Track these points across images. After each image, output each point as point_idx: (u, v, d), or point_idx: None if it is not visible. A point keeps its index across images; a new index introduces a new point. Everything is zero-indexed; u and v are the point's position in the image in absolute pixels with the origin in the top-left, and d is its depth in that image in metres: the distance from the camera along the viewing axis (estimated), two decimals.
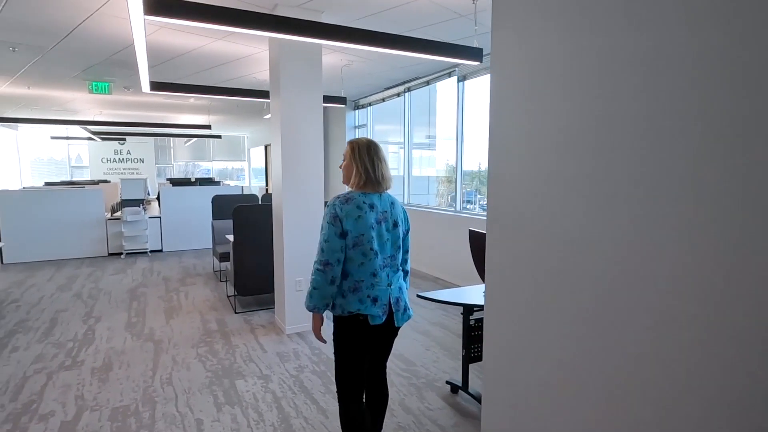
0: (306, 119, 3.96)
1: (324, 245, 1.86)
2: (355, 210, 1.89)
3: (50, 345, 3.79)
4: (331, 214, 1.87)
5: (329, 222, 1.87)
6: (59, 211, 7.35)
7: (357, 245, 1.88)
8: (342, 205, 1.89)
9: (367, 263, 1.89)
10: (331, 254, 1.85)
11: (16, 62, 5.69)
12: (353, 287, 1.89)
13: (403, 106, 7.24)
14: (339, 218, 1.87)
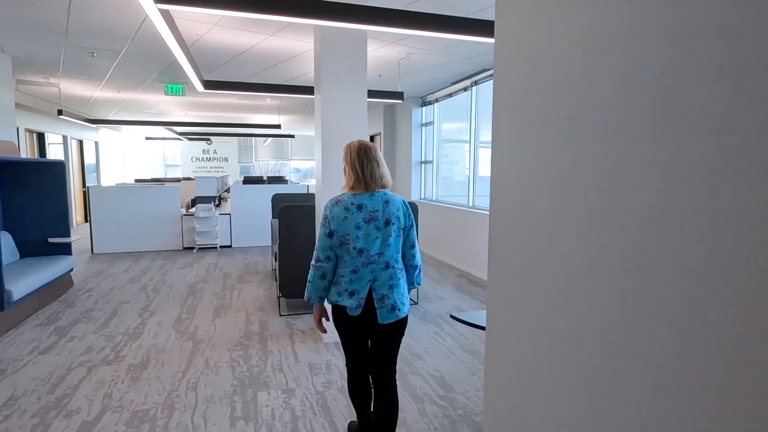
0: (348, 115, 3.71)
1: (317, 243, 2.08)
2: (343, 212, 2.02)
3: (102, 337, 3.92)
4: (323, 215, 2.07)
5: (321, 223, 2.07)
6: (141, 206, 7.87)
7: (343, 244, 2.03)
8: (332, 207, 2.06)
9: (350, 260, 2.03)
10: (321, 252, 2.04)
11: (100, 67, 6.11)
12: (336, 281, 2.07)
13: (469, 101, 6.76)
14: (328, 219, 2.04)
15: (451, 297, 5.19)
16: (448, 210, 7.22)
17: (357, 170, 2.05)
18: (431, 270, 6.60)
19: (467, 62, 5.78)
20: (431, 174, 8.42)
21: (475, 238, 6.27)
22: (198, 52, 5.30)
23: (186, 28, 4.43)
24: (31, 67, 6.12)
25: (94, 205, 7.65)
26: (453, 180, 8.96)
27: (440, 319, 4.40)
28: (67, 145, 11.09)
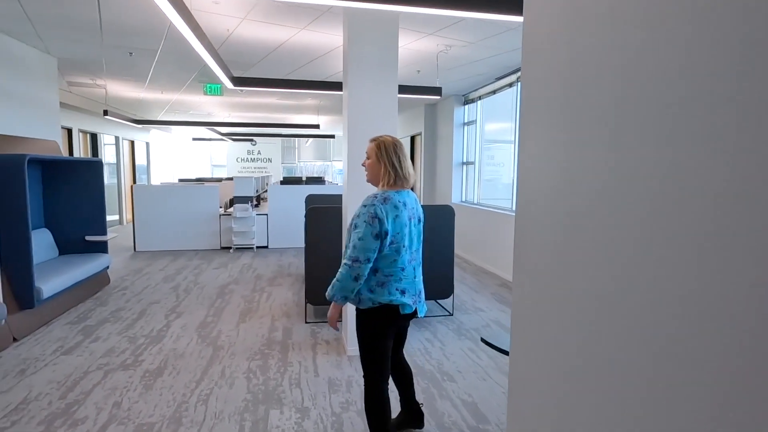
0: (377, 111, 3.42)
1: (357, 243, 1.89)
2: (393, 209, 1.94)
3: (126, 339, 3.85)
4: (370, 214, 1.89)
5: (366, 222, 1.89)
6: (182, 206, 7.96)
7: (392, 243, 1.96)
8: (381, 205, 1.93)
9: (399, 259, 1.98)
10: (363, 252, 1.89)
11: (140, 67, 6.17)
12: (381, 282, 1.97)
13: (515, 98, 6.31)
14: (379, 219, 1.90)
15: (490, 308, 4.79)
16: (489, 214, 6.79)
17: (396, 166, 2.00)
18: (469, 277, 6.20)
19: (513, 54, 5.35)
20: (473, 176, 7.99)
21: None
22: (231, 50, 5.20)
23: (215, 23, 4.31)
24: (77, 68, 6.27)
25: (137, 203, 7.81)
26: (498, 182, 8.49)
27: (476, 334, 4.03)
28: (118, 145, 11.53)
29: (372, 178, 2.09)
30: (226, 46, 5.09)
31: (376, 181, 2.07)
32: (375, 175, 2.06)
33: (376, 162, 2.03)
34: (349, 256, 1.90)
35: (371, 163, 2.06)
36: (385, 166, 2.01)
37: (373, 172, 2.06)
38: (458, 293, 5.35)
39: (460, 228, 6.45)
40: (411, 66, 5.86)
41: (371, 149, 2.06)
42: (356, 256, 1.89)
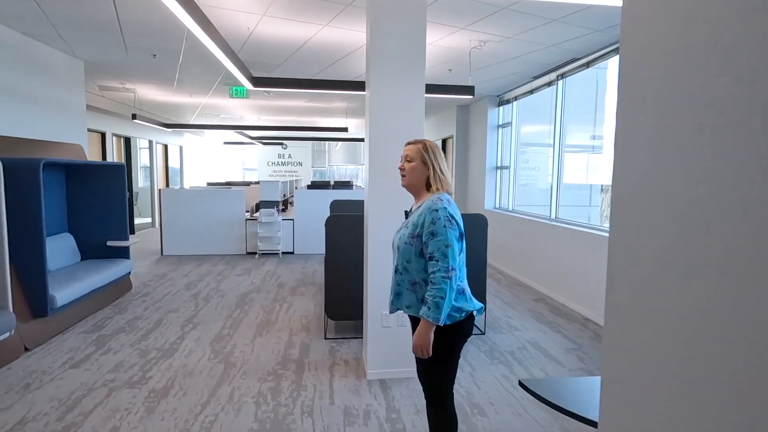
0: (401, 112, 3.11)
1: (446, 251, 1.75)
2: (458, 211, 1.86)
3: (137, 352, 3.67)
4: (447, 216, 1.78)
5: (446, 226, 1.76)
6: (208, 210, 7.88)
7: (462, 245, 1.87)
8: (450, 206, 1.83)
9: (464, 262, 1.88)
10: (454, 259, 1.76)
11: (165, 70, 6.08)
12: (461, 289, 1.85)
13: (553, 98, 5.86)
14: (456, 220, 1.80)
15: (527, 327, 4.37)
16: (525, 222, 6.34)
17: (443, 170, 1.92)
18: (504, 290, 5.78)
19: (553, 51, 4.93)
20: (507, 181, 7.55)
21: (557, 256, 5.36)
22: (254, 50, 5.01)
23: (234, 21, 4.11)
24: (105, 71, 6.26)
25: (164, 207, 7.78)
26: (533, 188, 8.01)
27: (511, 358, 3.63)
28: (152, 149, 11.69)
29: (412, 182, 1.94)
30: (248, 46, 4.90)
31: (418, 186, 1.93)
32: (418, 179, 1.92)
33: (421, 165, 1.90)
34: (443, 268, 1.73)
35: (414, 167, 1.91)
36: (434, 170, 1.90)
37: (415, 176, 1.92)
38: (491, 308, 4.95)
39: (493, 236, 6.04)
40: (442, 65, 5.52)
41: (415, 151, 1.92)
42: (451, 265, 1.73)
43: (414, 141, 1.96)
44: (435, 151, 1.92)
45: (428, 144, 1.94)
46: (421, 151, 1.91)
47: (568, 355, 3.71)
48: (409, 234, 1.86)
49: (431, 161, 1.90)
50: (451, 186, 1.96)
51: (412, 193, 1.99)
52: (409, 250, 1.85)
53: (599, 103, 7.85)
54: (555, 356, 3.68)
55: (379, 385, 3.15)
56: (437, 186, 1.90)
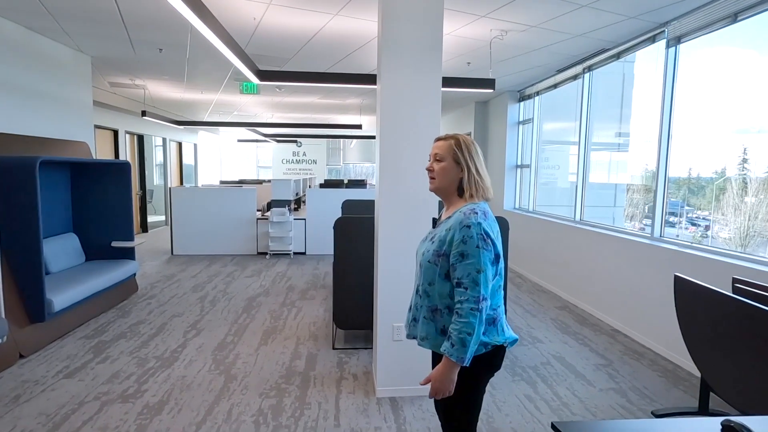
0: (415, 103, 2.83)
1: (478, 277, 1.46)
2: (496, 226, 1.57)
3: (135, 361, 3.48)
4: (481, 235, 1.48)
5: (479, 246, 1.47)
6: (219, 209, 7.72)
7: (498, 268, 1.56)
8: (487, 222, 1.52)
9: (501, 286, 1.60)
10: (486, 286, 1.48)
11: (173, 65, 5.91)
12: (492, 318, 1.55)
13: (580, 92, 5.50)
14: (491, 239, 1.51)
15: (551, 339, 4.06)
16: (548, 224, 6.00)
17: (481, 173, 1.61)
18: (525, 297, 5.46)
19: (580, 41, 4.58)
20: (527, 180, 7.20)
21: (581, 261, 5.02)
22: (262, 42, 4.78)
23: (239, 11, 3.88)
24: (114, 67, 6.12)
25: (175, 206, 7.64)
26: (553, 187, 7.65)
27: (534, 374, 3.33)
28: (166, 146, 11.62)
29: (442, 186, 1.63)
30: (256, 39, 4.67)
31: (449, 191, 1.63)
32: (449, 182, 1.61)
33: (453, 166, 1.60)
34: (472, 298, 1.44)
35: (444, 168, 1.61)
36: (468, 171, 1.59)
37: (446, 178, 1.61)
38: (511, 317, 4.64)
39: (513, 239, 5.72)
40: (460, 57, 5.21)
41: (445, 149, 1.62)
42: (482, 294, 1.45)
43: (445, 136, 1.66)
44: (470, 148, 1.61)
45: (462, 140, 1.62)
46: (453, 148, 1.60)
47: (597, 372, 3.39)
48: (435, 251, 1.56)
49: (465, 161, 1.59)
50: (490, 191, 1.63)
51: (443, 199, 1.69)
52: (433, 271, 1.56)
53: (625, 99, 7.46)
54: (582, 373, 3.36)
55: (389, 404, 2.89)
56: (471, 192, 1.58)
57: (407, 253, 2.85)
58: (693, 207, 6.15)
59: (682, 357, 3.50)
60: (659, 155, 4.04)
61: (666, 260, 3.73)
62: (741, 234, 5.07)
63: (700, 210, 6.17)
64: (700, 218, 6.15)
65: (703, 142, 4.87)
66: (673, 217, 6.88)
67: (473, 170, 1.59)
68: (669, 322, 3.65)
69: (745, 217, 5.00)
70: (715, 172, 5.37)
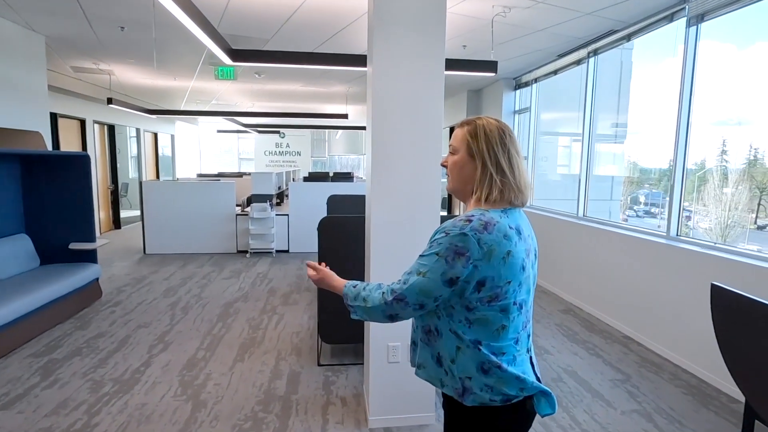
0: (413, 87, 2.40)
1: (415, 280, 1.14)
2: (503, 242, 1.11)
3: (88, 385, 3.00)
4: (453, 246, 1.10)
5: (442, 255, 1.11)
6: (195, 204, 7.19)
7: (494, 299, 1.13)
8: (480, 234, 1.10)
9: (511, 326, 1.16)
10: (416, 295, 1.15)
11: (139, 46, 5.35)
12: (486, 367, 1.14)
13: (584, 78, 5.12)
14: (472, 259, 1.09)
15: (559, 349, 3.69)
16: (548, 220, 5.64)
17: (505, 169, 1.19)
18: None
19: (588, 21, 4.18)
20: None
21: (586, 260, 4.67)
22: (237, 21, 4.27)
23: None
24: (74, 49, 5.53)
25: (147, 201, 7.09)
26: (543, 180, 7.30)
27: None
28: (140, 138, 10.97)
29: (456, 186, 1.25)
30: (230, 16, 4.16)
31: (464, 192, 1.24)
32: (463, 181, 1.23)
33: (468, 160, 1.21)
34: (393, 290, 1.18)
35: (458, 163, 1.22)
36: (484, 167, 1.18)
37: (459, 176, 1.23)
38: None
39: None
40: (456, 39, 4.78)
41: (460, 138, 1.23)
42: (404, 295, 1.16)
43: (462, 122, 1.26)
44: (490, 136, 1.19)
45: (480, 125, 1.21)
46: (467, 137, 1.21)
47: (615, 389, 3.03)
48: None
49: (483, 154, 1.18)
50: (521, 194, 1.20)
51: (461, 201, 1.30)
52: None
53: (623, 88, 7.15)
54: (600, 391, 3.00)
55: None
56: (482, 194, 1.18)
57: (403, 261, 2.42)
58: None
59: (707, 370, 3.17)
60: (677, 146, 3.68)
61: (685, 262, 3.38)
62: (721, 225, 5.11)
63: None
64: (682, 209, 6.10)
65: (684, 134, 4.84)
66: (655, 208, 6.80)
67: (490, 165, 1.18)
68: (688, 330, 3.31)
69: (726, 208, 5.04)
70: (695, 164, 5.37)
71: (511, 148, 1.20)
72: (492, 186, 1.17)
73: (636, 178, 7.25)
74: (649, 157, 6.82)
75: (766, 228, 5.25)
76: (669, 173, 4.22)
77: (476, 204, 1.20)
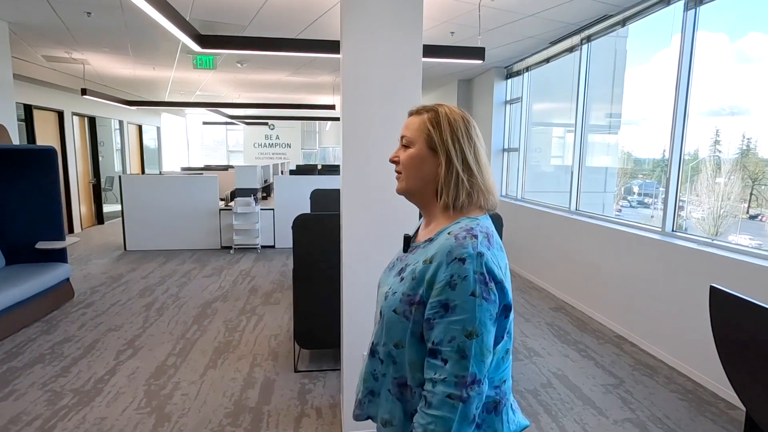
0: (388, 73, 2.19)
1: (467, 345, 0.85)
2: (502, 255, 0.95)
3: (46, 396, 2.80)
4: (481, 276, 0.87)
5: (475, 293, 0.86)
6: (176, 199, 6.95)
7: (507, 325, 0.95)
8: (489, 251, 0.90)
9: (510, 350, 0.99)
10: (482, 360, 0.87)
11: (111, 34, 5.08)
12: (493, 402, 0.96)
13: (577, 66, 4.92)
14: (496, 282, 0.89)
15: (549, 350, 3.53)
16: (539, 214, 5.46)
17: (472, 166, 0.97)
18: (515, 295, 4.93)
19: (582, 5, 3.97)
20: (515, 165, 6.64)
21: (578, 256, 4.50)
22: (209, 4, 4.02)
23: None
24: (41, 36, 5.24)
25: (126, 196, 6.83)
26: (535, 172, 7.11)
27: (535, 402, 2.79)
28: (123, 130, 10.66)
29: (413, 186, 1.03)
30: (203, 1, 3.91)
31: (424, 195, 1.02)
32: (422, 182, 1.01)
33: (429, 154, 0.99)
34: (451, 379, 0.86)
35: (414, 158, 1.01)
36: (450, 164, 0.97)
37: (416, 176, 1.01)
38: None
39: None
40: (443, 25, 4.55)
41: (417, 128, 1.01)
42: (471, 374, 0.86)
43: (418, 109, 1.04)
44: (455, 126, 0.98)
45: (443, 113, 0.99)
46: (427, 127, 0.99)
47: (607, 396, 2.87)
48: (405, 294, 0.95)
49: (447, 146, 0.97)
50: (492, 197, 1.00)
51: (418, 207, 1.07)
52: (402, 327, 0.95)
53: (617, 77, 6.97)
54: (591, 398, 2.84)
55: None
56: (450, 198, 0.97)
57: (378, 261, 2.23)
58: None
59: (703, 374, 3.01)
60: (673, 137, 3.49)
61: (681, 259, 3.21)
62: (714, 215, 5.08)
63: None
64: (678, 203, 6.04)
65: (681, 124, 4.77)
66: (648, 198, 6.69)
67: (456, 162, 0.97)
68: (684, 331, 3.15)
69: (718, 198, 4.99)
70: (689, 154, 5.34)
71: (477, 142, 1.01)
72: (459, 187, 0.97)
73: (630, 169, 7.14)
74: (642, 147, 6.67)
75: (758, 217, 5.20)
76: (662, 163, 4.07)
77: (444, 211, 0.99)
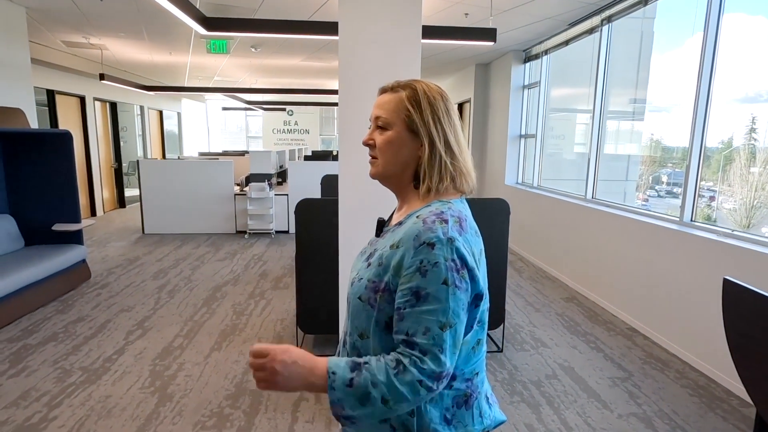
0: (386, 52, 2.13)
1: (441, 337, 0.81)
2: (476, 240, 0.90)
3: (56, 373, 2.89)
4: (452, 262, 0.82)
5: (448, 282, 0.81)
6: (193, 183, 7.04)
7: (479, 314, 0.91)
8: (460, 236, 0.85)
9: (482, 340, 0.94)
10: (452, 352, 0.83)
11: (124, 17, 5.11)
12: (464, 395, 0.91)
13: (596, 49, 4.72)
14: (469, 269, 0.84)
15: (558, 342, 3.45)
16: (554, 202, 5.32)
17: (453, 148, 0.92)
18: (526, 285, 4.84)
19: None
20: (532, 152, 6.47)
21: (593, 246, 4.37)
22: None
23: None
24: (58, 21, 5.32)
25: (144, 180, 6.96)
26: (557, 159, 6.92)
27: (538, 393, 2.73)
28: (144, 115, 10.83)
29: (389, 171, 0.95)
30: None
31: (399, 179, 0.95)
32: (400, 165, 0.93)
33: (409, 137, 0.92)
34: (428, 371, 0.80)
35: (391, 140, 0.92)
36: (433, 147, 0.90)
37: (395, 158, 0.93)
38: (511, 310, 4.03)
39: (514, 217, 5.06)
40: (456, 5, 4.41)
41: (394, 107, 0.93)
42: (446, 369, 0.81)
43: (393, 85, 0.95)
44: (435, 106, 0.91)
45: (422, 90, 0.92)
46: (406, 105, 0.91)
47: (614, 389, 2.79)
48: (370, 281, 0.89)
49: (429, 128, 0.90)
50: (470, 180, 0.95)
51: (393, 192, 1.01)
52: (367, 314, 0.89)
53: (643, 61, 6.68)
54: (597, 391, 2.76)
55: None
56: (432, 181, 0.91)
57: None
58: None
59: (716, 369, 2.90)
60: (694, 123, 3.32)
61: (699, 250, 3.08)
62: (746, 205, 4.89)
63: (703, 181, 5.86)
64: (705, 189, 5.76)
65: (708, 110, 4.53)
66: (677, 188, 6.44)
67: (439, 144, 0.91)
68: (700, 324, 3.03)
69: (752, 188, 4.81)
70: (722, 142, 5.10)
71: (456, 121, 0.94)
72: (443, 171, 0.91)
73: (658, 157, 6.89)
74: (671, 135, 6.42)
75: None
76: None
77: (425, 197, 0.93)
